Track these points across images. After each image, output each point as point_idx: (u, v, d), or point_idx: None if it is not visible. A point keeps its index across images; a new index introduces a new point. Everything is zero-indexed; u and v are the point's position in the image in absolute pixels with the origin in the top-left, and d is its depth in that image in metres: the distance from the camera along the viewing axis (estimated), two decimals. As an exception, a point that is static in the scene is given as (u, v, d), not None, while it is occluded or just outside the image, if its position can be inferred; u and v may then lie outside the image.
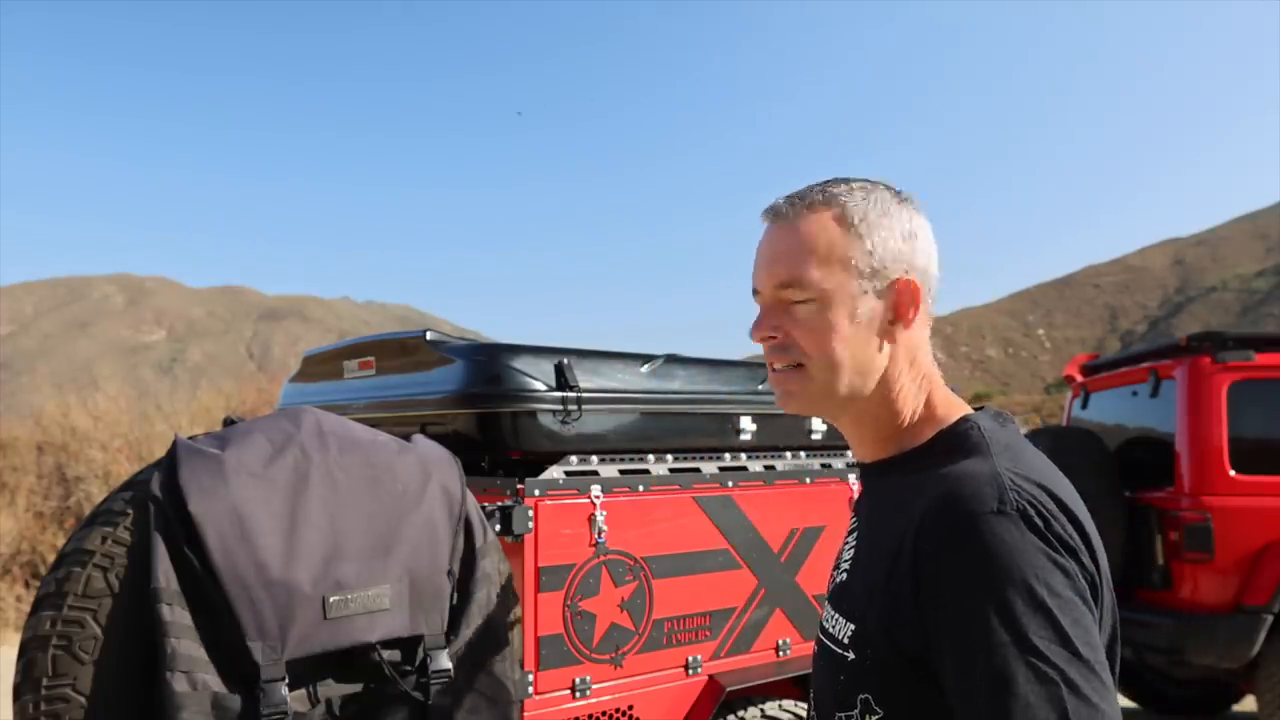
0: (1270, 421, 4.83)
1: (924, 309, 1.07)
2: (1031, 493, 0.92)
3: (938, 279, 1.10)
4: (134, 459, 9.10)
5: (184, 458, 1.60)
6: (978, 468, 0.95)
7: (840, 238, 1.05)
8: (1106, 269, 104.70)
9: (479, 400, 2.44)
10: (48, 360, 76.92)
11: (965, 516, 0.90)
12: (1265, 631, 4.45)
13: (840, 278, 1.05)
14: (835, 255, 1.05)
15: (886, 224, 1.06)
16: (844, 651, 1.00)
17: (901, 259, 1.06)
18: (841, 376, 1.06)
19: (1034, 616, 0.84)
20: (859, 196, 1.06)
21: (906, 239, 1.07)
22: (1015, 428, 1.08)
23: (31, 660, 1.51)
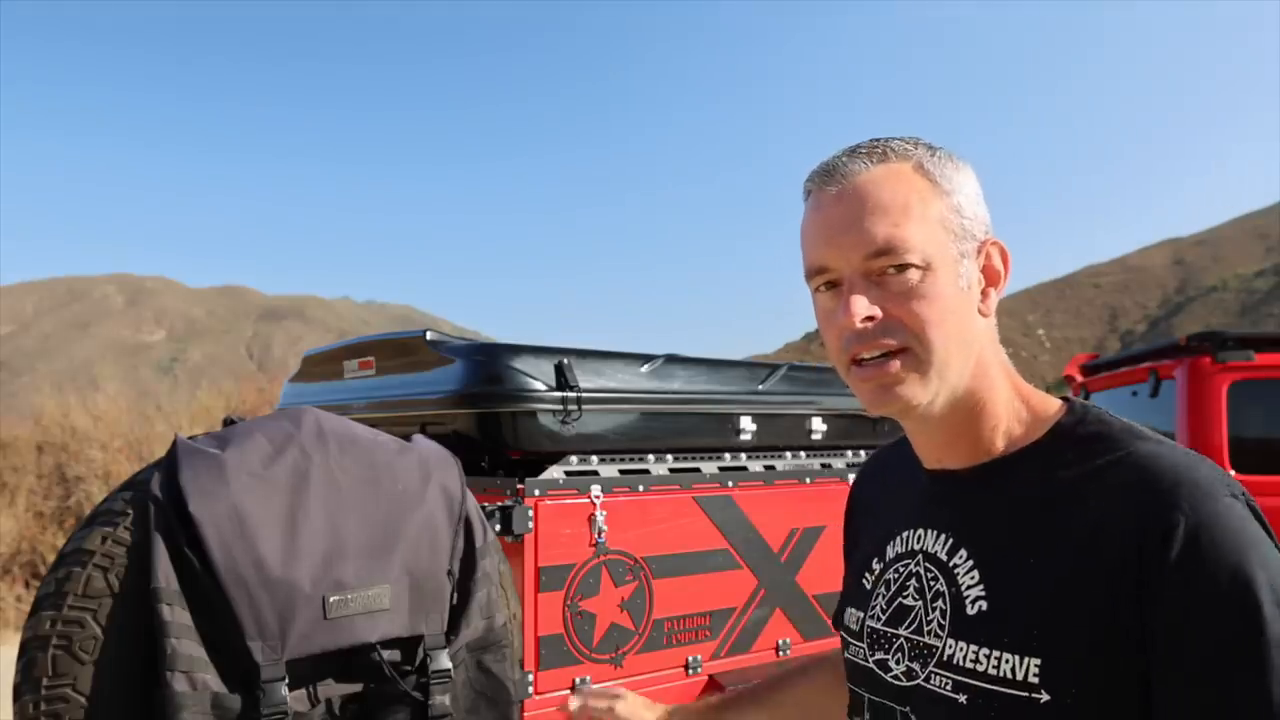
0: (1270, 421, 4.83)
1: (996, 297, 0.95)
2: (1235, 485, 0.81)
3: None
4: (134, 459, 9.10)
5: (184, 458, 1.60)
6: (1170, 453, 0.83)
7: (929, 192, 0.91)
8: (1106, 269, 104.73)
9: (479, 400, 2.45)
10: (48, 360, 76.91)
11: (1206, 509, 0.77)
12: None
13: (941, 238, 0.90)
14: (930, 213, 0.89)
15: (962, 180, 0.94)
16: (1032, 692, 0.81)
17: (981, 219, 0.94)
18: (956, 357, 0.90)
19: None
20: (925, 151, 0.93)
21: (980, 200, 0.95)
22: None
23: (31, 660, 1.51)
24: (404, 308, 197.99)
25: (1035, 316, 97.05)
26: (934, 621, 0.91)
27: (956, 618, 0.89)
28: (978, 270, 0.92)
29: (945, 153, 0.94)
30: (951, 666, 0.87)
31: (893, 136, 0.95)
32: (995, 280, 0.94)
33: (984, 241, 0.93)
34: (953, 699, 0.86)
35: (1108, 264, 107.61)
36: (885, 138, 0.94)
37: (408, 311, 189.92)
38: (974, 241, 0.92)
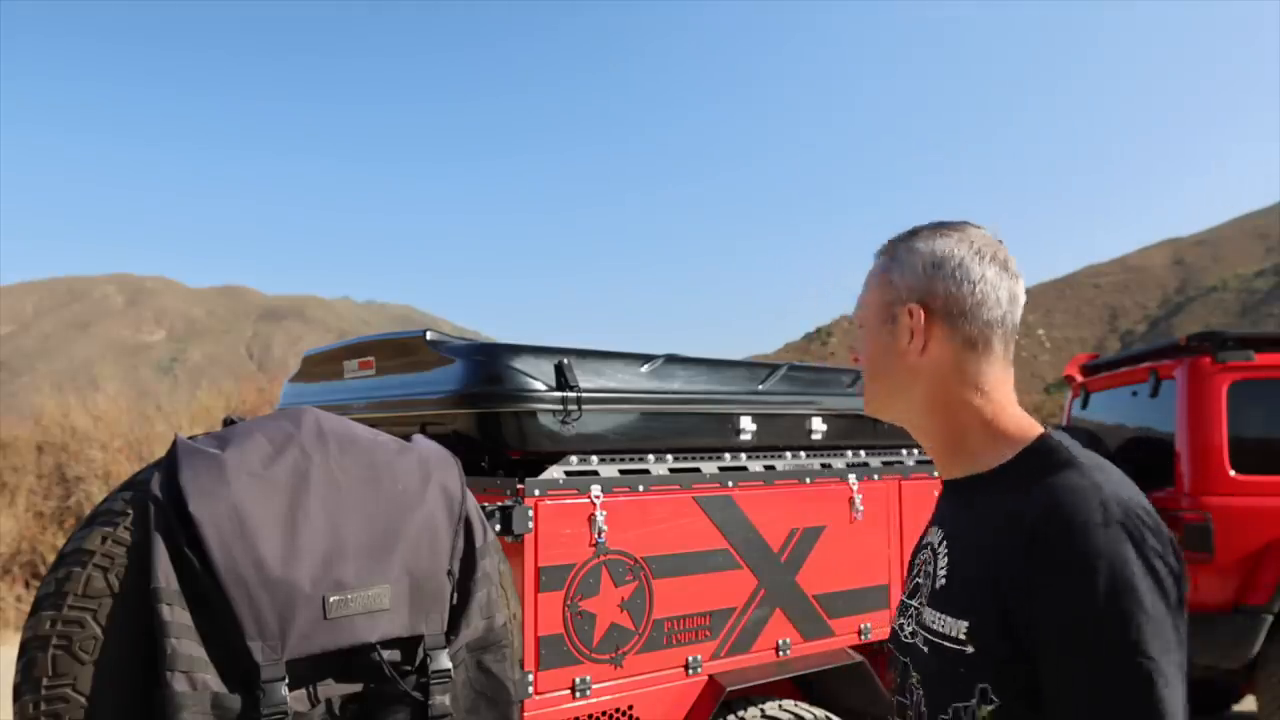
0: (1270, 421, 4.83)
1: (957, 335, 1.16)
2: (1127, 506, 1.00)
3: (991, 307, 1.16)
4: (134, 459, 9.10)
5: (184, 458, 1.60)
6: (1077, 481, 1.03)
7: (878, 273, 1.23)
8: (1106, 269, 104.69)
9: (479, 400, 2.45)
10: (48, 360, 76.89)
11: (1075, 528, 0.99)
12: (1265, 632, 4.45)
13: (874, 307, 1.23)
14: (873, 288, 1.24)
15: (912, 258, 1.19)
16: (962, 646, 1.07)
17: (917, 290, 1.18)
18: (879, 390, 1.24)
19: (1132, 624, 0.95)
20: (892, 248, 1.23)
21: (930, 269, 1.17)
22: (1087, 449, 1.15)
23: (31, 660, 1.51)
24: (404, 308, 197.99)
25: (1035, 316, 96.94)
26: (925, 594, 1.19)
27: (932, 591, 1.17)
28: (906, 328, 1.18)
29: (906, 244, 1.21)
30: (925, 627, 1.16)
31: (900, 234, 1.24)
32: (919, 334, 1.17)
33: (907, 307, 1.18)
34: (922, 650, 1.15)
35: (1108, 264, 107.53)
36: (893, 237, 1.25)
37: (407, 311, 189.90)
38: (901, 307, 1.19)
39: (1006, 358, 1.18)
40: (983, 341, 1.16)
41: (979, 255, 1.16)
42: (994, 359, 1.17)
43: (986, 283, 1.15)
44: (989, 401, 1.16)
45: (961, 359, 1.16)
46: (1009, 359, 1.19)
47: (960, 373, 1.16)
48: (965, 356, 1.16)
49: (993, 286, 1.15)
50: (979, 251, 1.16)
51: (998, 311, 1.16)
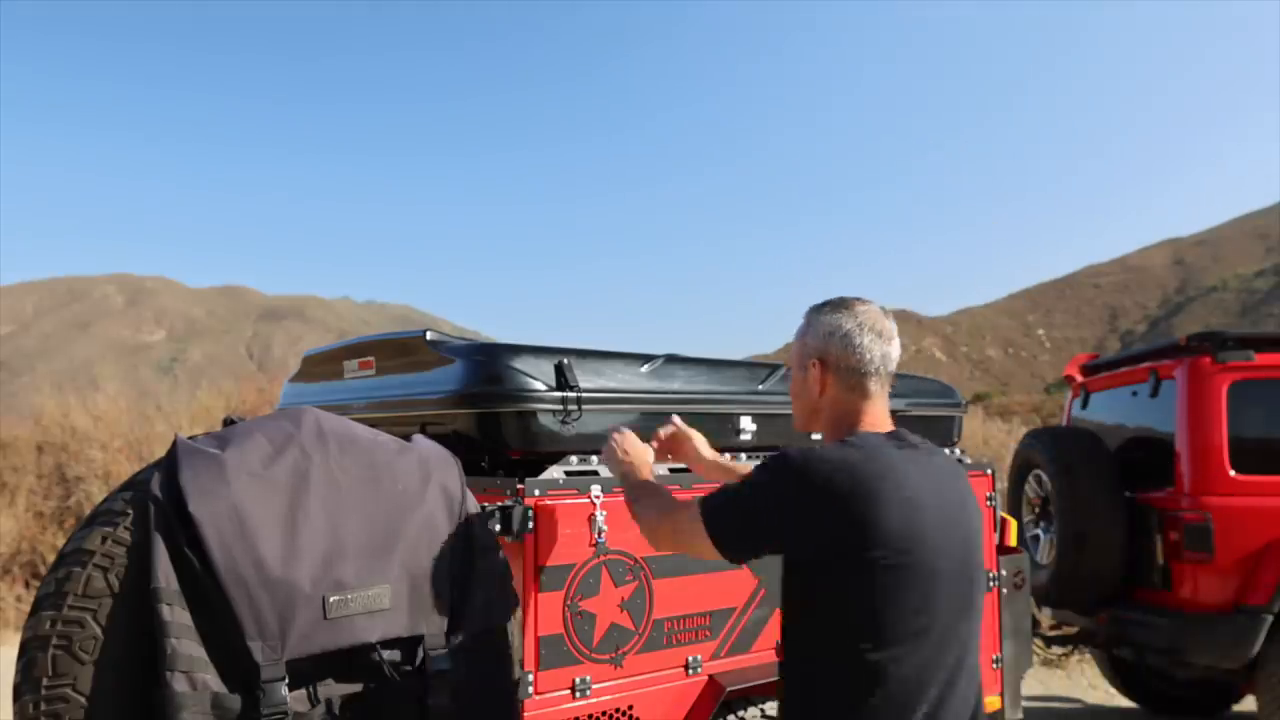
0: (1270, 421, 4.83)
1: (843, 382, 1.75)
2: (807, 455, 1.60)
3: (867, 363, 1.73)
4: (134, 459, 9.09)
5: (184, 458, 1.60)
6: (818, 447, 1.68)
7: (798, 334, 1.84)
8: (1106, 269, 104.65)
9: (479, 400, 2.44)
10: (48, 360, 76.88)
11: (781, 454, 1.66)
12: (1265, 631, 4.45)
13: (796, 357, 1.83)
14: (796, 343, 1.84)
15: (817, 327, 1.78)
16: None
17: (819, 350, 1.77)
18: (800, 414, 1.86)
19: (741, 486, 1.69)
20: (807, 316, 1.82)
21: (824, 338, 1.76)
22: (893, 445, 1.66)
23: (31, 660, 1.51)
24: (403, 307, 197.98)
25: (1035, 316, 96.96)
26: None
27: None
28: (816, 375, 1.77)
29: (820, 311, 1.79)
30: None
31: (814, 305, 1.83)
32: (817, 381, 1.77)
33: (812, 358, 1.78)
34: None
35: (1108, 264, 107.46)
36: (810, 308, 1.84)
37: (407, 311, 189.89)
38: (810, 360, 1.78)
39: (881, 393, 1.76)
40: (860, 387, 1.74)
41: (860, 328, 1.73)
42: (869, 396, 1.75)
43: (864, 348, 1.73)
44: (855, 416, 1.75)
45: (846, 398, 1.75)
46: (884, 393, 1.76)
47: (845, 406, 1.76)
48: (848, 396, 1.75)
49: (868, 350, 1.73)
50: (860, 325, 1.73)
51: (872, 367, 1.73)
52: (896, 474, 1.57)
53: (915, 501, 1.56)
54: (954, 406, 3.69)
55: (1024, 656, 3.70)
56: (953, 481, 1.69)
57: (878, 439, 1.67)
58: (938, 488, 1.62)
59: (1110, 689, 6.13)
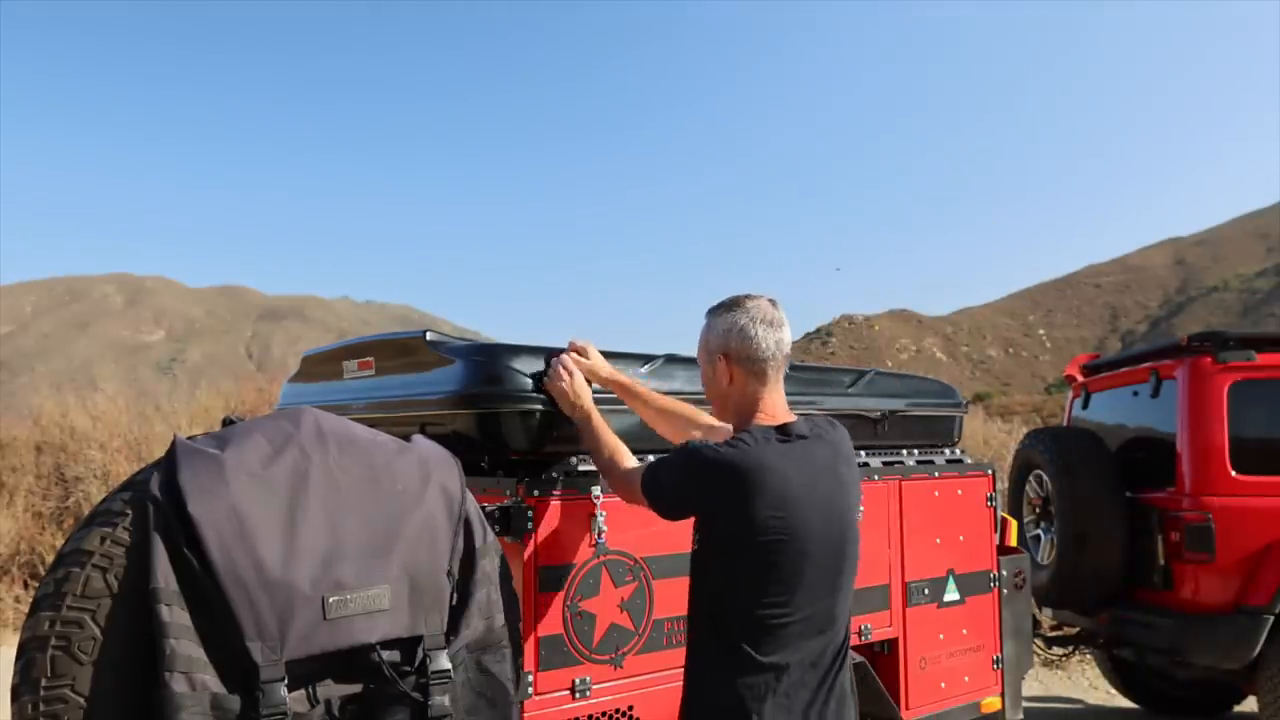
0: (1271, 422, 4.82)
1: (746, 371, 1.96)
2: (702, 446, 1.90)
3: (763, 351, 1.94)
4: (133, 459, 9.08)
5: (183, 458, 1.60)
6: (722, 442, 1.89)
7: (702, 333, 2.06)
8: (1107, 269, 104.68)
9: (479, 400, 2.44)
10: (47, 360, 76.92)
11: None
12: (1266, 632, 4.44)
13: (704, 354, 2.06)
14: (701, 341, 2.06)
15: (717, 325, 2.00)
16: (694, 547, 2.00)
17: (719, 345, 1.99)
18: (716, 404, 2.10)
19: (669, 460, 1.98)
20: (716, 309, 2.03)
21: (723, 334, 1.98)
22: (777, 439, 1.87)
23: (30, 661, 1.50)
24: (403, 307, 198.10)
25: (1036, 316, 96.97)
26: None
27: None
28: (723, 368, 1.98)
29: (713, 317, 2.02)
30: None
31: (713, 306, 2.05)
32: (724, 373, 1.98)
33: (716, 354, 1.99)
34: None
35: (1108, 264, 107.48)
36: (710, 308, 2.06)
37: (407, 311, 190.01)
38: (715, 355, 2.00)
39: (777, 378, 1.98)
40: (760, 374, 1.95)
41: (753, 321, 1.94)
42: (768, 382, 1.97)
43: (759, 338, 1.93)
44: (757, 402, 1.97)
45: (749, 386, 1.97)
46: (779, 378, 1.98)
47: (748, 394, 1.97)
48: (751, 384, 1.97)
49: (763, 340, 1.93)
50: (753, 318, 1.94)
51: (768, 353, 1.94)
52: (771, 469, 1.79)
53: (786, 494, 1.78)
54: (954, 406, 3.69)
55: (1024, 657, 3.69)
56: (831, 470, 1.90)
57: (763, 434, 1.87)
58: (812, 479, 1.84)
59: (1111, 689, 6.12)
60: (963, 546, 3.41)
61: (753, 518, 1.77)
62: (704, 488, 1.85)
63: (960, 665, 3.37)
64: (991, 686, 3.48)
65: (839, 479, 1.91)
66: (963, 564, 3.39)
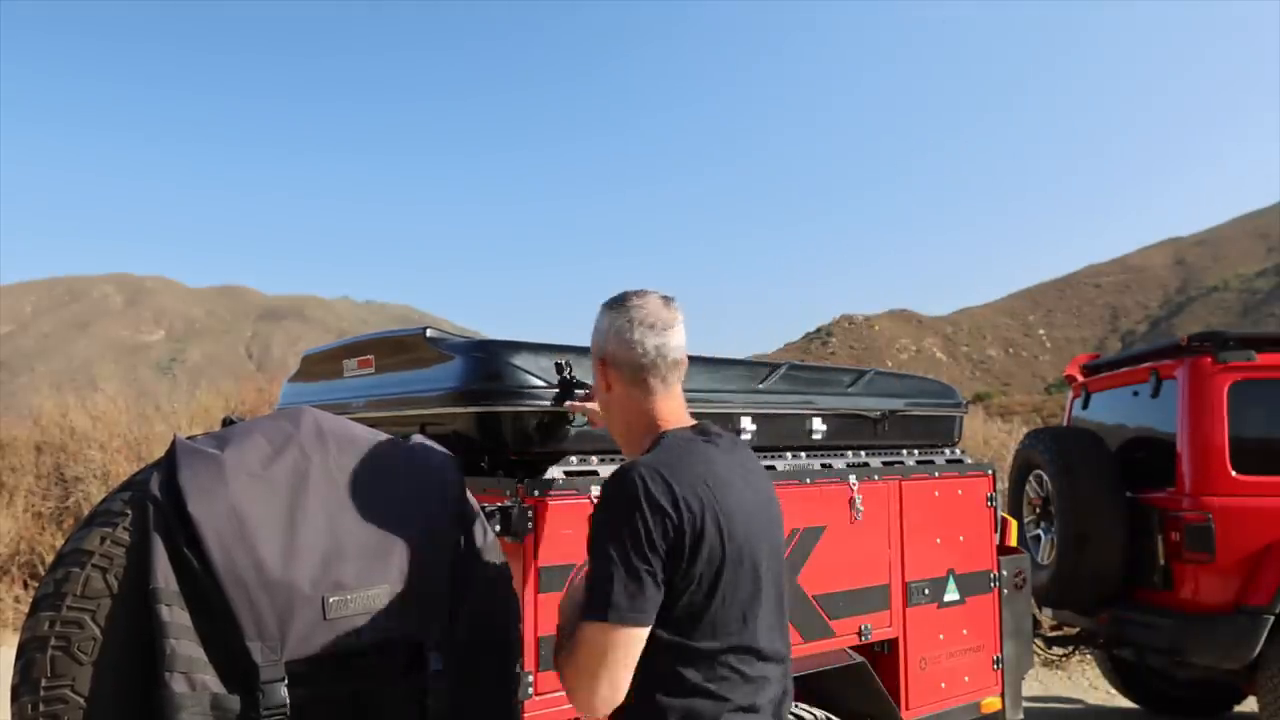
0: (1271, 422, 4.82)
1: (625, 379, 1.72)
2: (625, 472, 1.56)
3: (640, 357, 1.69)
4: (133, 459, 9.08)
5: (183, 458, 1.60)
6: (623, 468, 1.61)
7: (591, 337, 1.80)
8: (1107, 269, 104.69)
9: (478, 398, 2.44)
10: (46, 360, 76.90)
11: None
12: (1266, 632, 4.44)
13: (592, 358, 1.81)
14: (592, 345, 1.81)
15: (599, 327, 1.76)
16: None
17: (601, 349, 1.75)
18: (603, 412, 1.86)
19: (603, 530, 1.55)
20: (601, 310, 1.77)
21: (602, 337, 1.75)
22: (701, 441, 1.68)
23: (30, 661, 1.50)
24: (403, 307, 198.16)
25: (1036, 316, 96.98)
26: None
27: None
28: (600, 374, 1.77)
29: (598, 317, 1.77)
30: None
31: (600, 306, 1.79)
32: (603, 379, 1.76)
33: (595, 358, 1.77)
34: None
35: (1108, 264, 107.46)
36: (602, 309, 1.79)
37: (407, 311, 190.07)
38: (596, 360, 1.77)
39: (664, 386, 1.72)
40: (641, 382, 1.71)
41: (631, 323, 1.70)
42: (652, 392, 1.72)
43: (635, 343, 1.69)
44: (647, 414, 1.72)
45: (632, 395, 1.73)
46: (666, 385, 1.72)
47: (633, 404, 1.74)
48: (634, 393, 1.73)
49: (639, 344, 1.69)
50: (631, 320, 1.70)
51: (646, 360, 1.69)
52: (711, 475, 1.59)
53: (728, 500, 1.59)
54: (954, 407, 3.69)
55: (1024, 657, 3.69)
56: (760, 475, 1.77)
57: (686, 439, 1.67)
58: (745, 482, 1.67)
59: (1111, 689, 6.12)
60: (963, 546, 3.41)
61: (702, 529, 1.57)
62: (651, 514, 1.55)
63: (960, 665, 3.37)
64: (991, 686, 3.48)
65: (766, 480, 1.78)
66: (963, 564, 3.39)
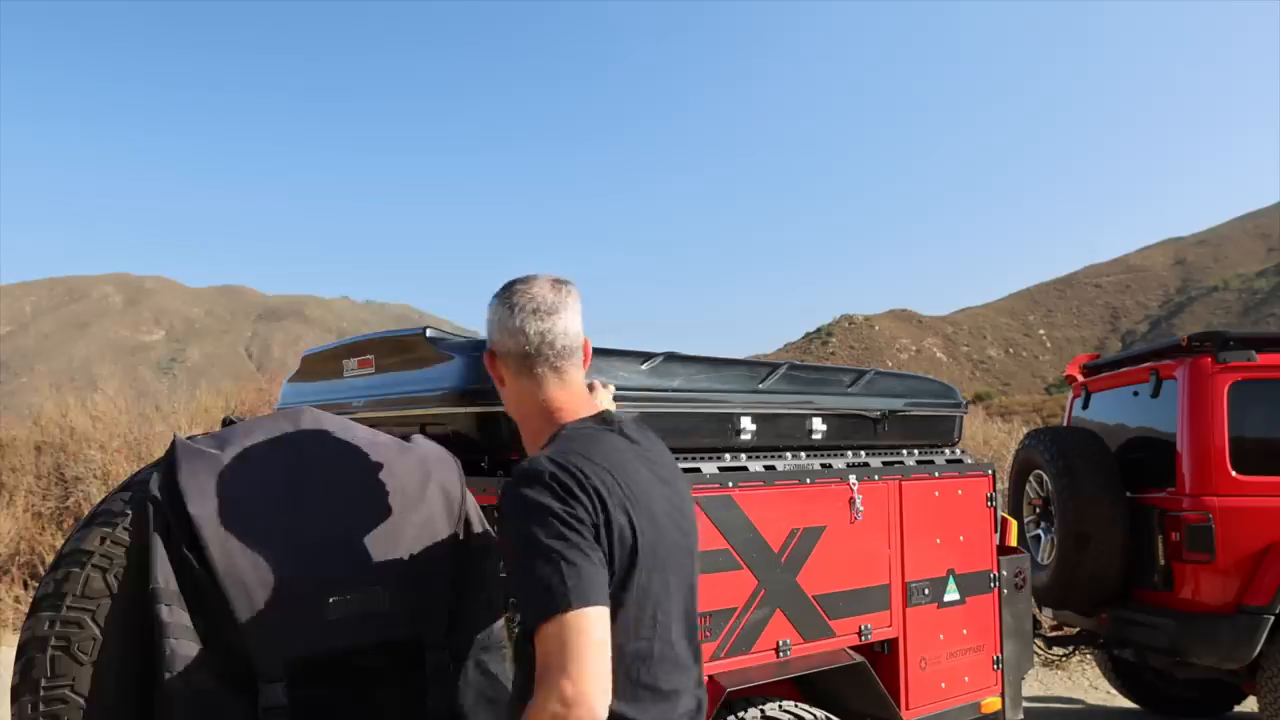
0: (1271, 422, 4.82)
1: (513, 370, 1.59)
2: (536, 466, 1.42)
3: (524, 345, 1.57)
4: (133, 459, 9.08)
5: (183, 458, 1.60)
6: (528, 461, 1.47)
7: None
8: (1107, 268, 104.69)
9: (478, 397, 2.43)
10: (46, 360, 76.89)
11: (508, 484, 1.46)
12: (1266, 632, 4.44)
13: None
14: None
15: (489, 319, 1.64)
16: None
17: (491, 341, 1.63)
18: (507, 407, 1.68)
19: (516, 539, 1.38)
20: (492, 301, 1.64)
21: (490, 328, 1.63)
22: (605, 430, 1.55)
23: (30, 661, 1.50)
24: (403, 307, 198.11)
25: (1036, 316, 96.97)
26: None
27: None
28: (490, 366, 1.63)
29: (488, 310, 1.63)
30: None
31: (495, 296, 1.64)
32: (495, 371, 1.63)
33: (486, 351, 1.64)
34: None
35: (1108, 264, 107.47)
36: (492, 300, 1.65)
37: (407, 311, 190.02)
38: (487, 353, 1.63)
39: (555, 374, 1.58)
40: (529, 372, 1.58)
41: (514, 309, 1.58)
42: (542, 380, 1.58)
43: (519, 330, 1.57)
44: (542, 405, 1.59)
45: (524, 386, 1.60)
46: (559, 373, 1.59)
47: (527, 395, 1.60)
48: (525, 384, 1.60)
49: (522, 332, 1.57)
50: (514, 305, 1.58)
51: (531, 348, 1.57)
52: (617, 463, 1.47)
53: (635, 488, 1.47)
54: (954, 406, 3.69)
55: (1024, 657, 3.69)
56: (669, 465, 1.67)
57: (588, 430, 1.54)
58: (651, 470, 1.56)
59: (1111, 689, 6.12)
60: (963, 546, 3.41)
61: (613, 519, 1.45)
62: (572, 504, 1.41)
63: (960, 665, 3.37)
64: (991, 686, 3.48)
65: (672, 465, 1.71)
66: (963, 564, 3.39)
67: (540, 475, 1.40)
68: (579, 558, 1.34)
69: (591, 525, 1.37)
